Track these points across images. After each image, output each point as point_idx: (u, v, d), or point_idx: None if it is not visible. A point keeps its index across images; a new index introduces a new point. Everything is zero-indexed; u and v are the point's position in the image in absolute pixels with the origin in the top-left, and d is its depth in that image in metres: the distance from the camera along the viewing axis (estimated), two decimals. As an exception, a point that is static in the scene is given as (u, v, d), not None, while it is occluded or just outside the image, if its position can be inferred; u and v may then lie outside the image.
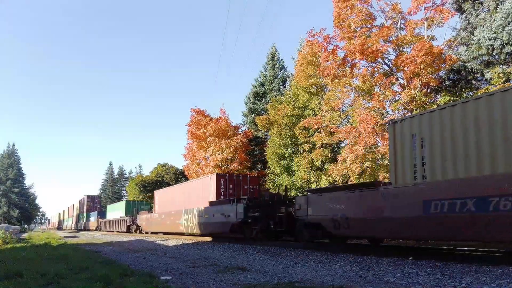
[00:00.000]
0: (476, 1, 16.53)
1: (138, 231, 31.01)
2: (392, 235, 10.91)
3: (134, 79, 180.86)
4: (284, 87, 36.77)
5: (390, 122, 10.47)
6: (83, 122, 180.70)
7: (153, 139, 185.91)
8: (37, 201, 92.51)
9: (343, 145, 25.12)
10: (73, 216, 68.42)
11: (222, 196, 18.81)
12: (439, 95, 19.15)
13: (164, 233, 26.32)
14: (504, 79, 14.92)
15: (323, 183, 23.82)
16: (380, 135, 19.20)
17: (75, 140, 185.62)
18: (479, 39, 14.71)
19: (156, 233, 27.59)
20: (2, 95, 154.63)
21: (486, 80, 16.39)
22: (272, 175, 28.95)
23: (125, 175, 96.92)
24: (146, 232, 28.92)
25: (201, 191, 20.91)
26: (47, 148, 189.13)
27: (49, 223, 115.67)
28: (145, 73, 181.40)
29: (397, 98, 19.95)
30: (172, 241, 18.71)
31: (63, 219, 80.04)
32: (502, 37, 13.94)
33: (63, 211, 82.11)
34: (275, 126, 28.33)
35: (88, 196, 60.13)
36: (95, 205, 58.66)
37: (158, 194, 28.73)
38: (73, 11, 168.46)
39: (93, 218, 49.70)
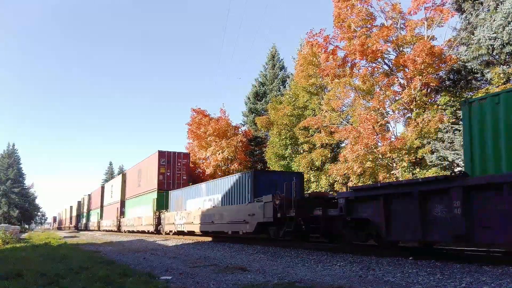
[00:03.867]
0: (476, 1, 16.51)
1: None
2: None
3: (134, 79, 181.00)
4: (284, 87, 36.75)
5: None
6: (83, 122, 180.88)
7: (153, 138, 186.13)
8: (37, 201, 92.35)
9: (343, 145, 25.11)
10: (101, 207, 42.60)
11: None
12: (439, 95, 19.14)
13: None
14: (504, 80, 14.91)
15: (323, 182, 23.84)
16: (380, 135, 19.18)
17: (75, 140, 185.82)
18: (479, 39, 14.69)
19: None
20: (2, 95, 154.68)
21: (486, 80, 16.38)
22: (272, 175, 28.95)
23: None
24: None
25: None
26: (47, 148, 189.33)
27: (54, 221, 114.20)
28: (145, 73, 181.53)
29: (397, 98, 19.94)
30: (172, 241, 18.72)
31: (81, 214, 59.20)
32: (502, 37, 13.94)
33: (78, 201, 63.54)
34: (275, 126, 28.31)
35: (161, 152, 26.63)
36: (177, 175, 26.63)
37: None
38: (74, 12, 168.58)
39: (194, 203, 20.13)
